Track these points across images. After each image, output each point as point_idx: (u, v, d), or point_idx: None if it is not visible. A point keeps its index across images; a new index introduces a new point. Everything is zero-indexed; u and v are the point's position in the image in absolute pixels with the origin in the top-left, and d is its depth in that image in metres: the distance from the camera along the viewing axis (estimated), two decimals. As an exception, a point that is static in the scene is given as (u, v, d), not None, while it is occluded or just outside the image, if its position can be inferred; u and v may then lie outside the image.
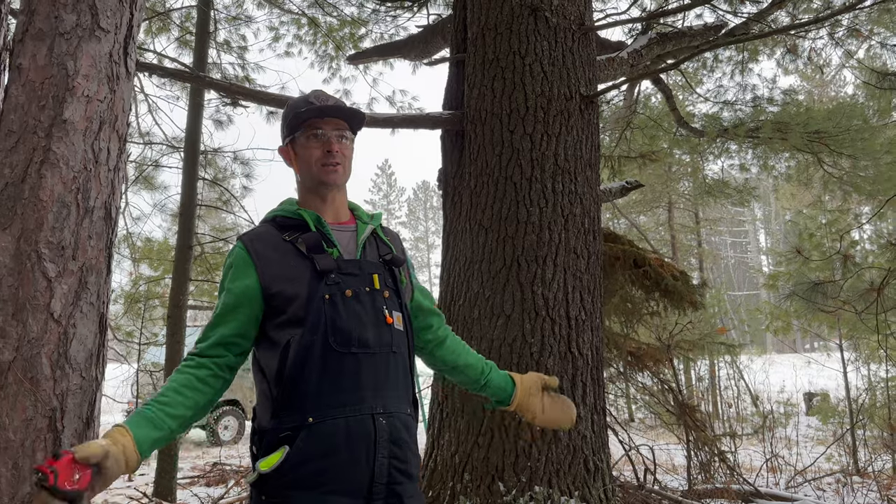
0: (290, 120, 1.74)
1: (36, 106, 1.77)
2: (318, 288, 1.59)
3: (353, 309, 1.61)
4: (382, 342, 1.63)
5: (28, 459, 1.63)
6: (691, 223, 18.15)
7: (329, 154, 1.71)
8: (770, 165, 8.24)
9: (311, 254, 1.64)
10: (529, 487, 3.77)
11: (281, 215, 1.75)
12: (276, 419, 1.55)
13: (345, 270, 1.65)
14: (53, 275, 1.70)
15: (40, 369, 1.66)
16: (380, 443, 1.57)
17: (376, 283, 1.69)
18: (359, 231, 1.77)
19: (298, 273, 1.61)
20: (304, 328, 1.55)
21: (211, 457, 9.57)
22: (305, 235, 1.67)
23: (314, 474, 1.51)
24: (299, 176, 1.77)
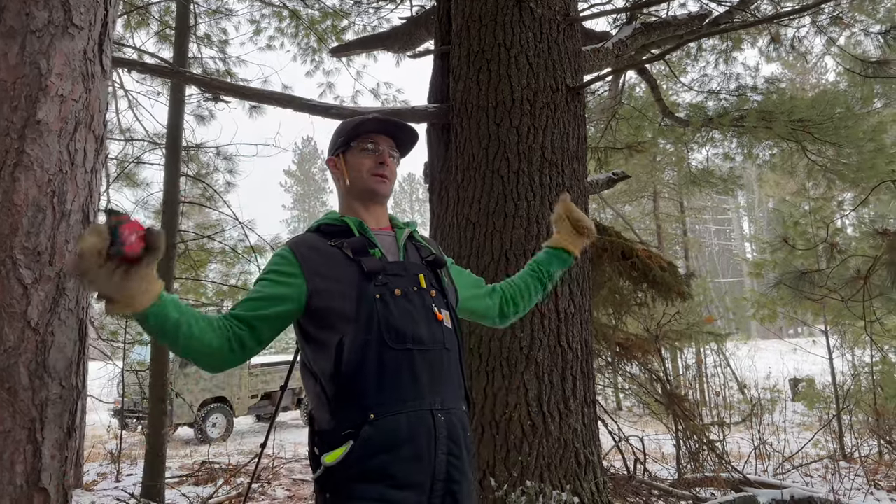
0: (349, 131, 1.82)
1: (8, 107, 1.71)
2: (367, 288, 1.61)
3: (404, 307, 1.63)
4: (435, 339, 1.65)
5: (7, 473, 1.58)
6: (676, 212, 18.23)
7: (382, 165, 1.79)
8: (755, 154, 8.27)
9: (357, 257, 1.67)
10: (521, 482, 3.75)
11: (325, 223, 1.78)
12: (335, 419, 1.56)
13: (391, 272, 1.68)
14: (30, 281, 1.65)
15: (18, 379, 1.61)
16: (439, 439, 1.58)
17: (423, 282, 1.72)
18: (398, 235, 1.83)
19: (347, 275, 1.63)
20: (356, 326, 1.57)
21: (199, 455, 9.50)
22: (350, 240, 1.71)
23: (379, 468, 1.51)
24: (347, 184, 1.81)
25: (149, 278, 1.38)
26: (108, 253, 1.28)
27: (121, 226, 1.30)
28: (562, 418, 3.94)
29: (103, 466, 8.09)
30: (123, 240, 1.29)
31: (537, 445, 3.84)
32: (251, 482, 1.95)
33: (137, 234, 1.32)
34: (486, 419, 3.91)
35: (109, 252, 1.28)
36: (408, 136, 1.88)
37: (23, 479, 1.59)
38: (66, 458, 1.72)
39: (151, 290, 1.39)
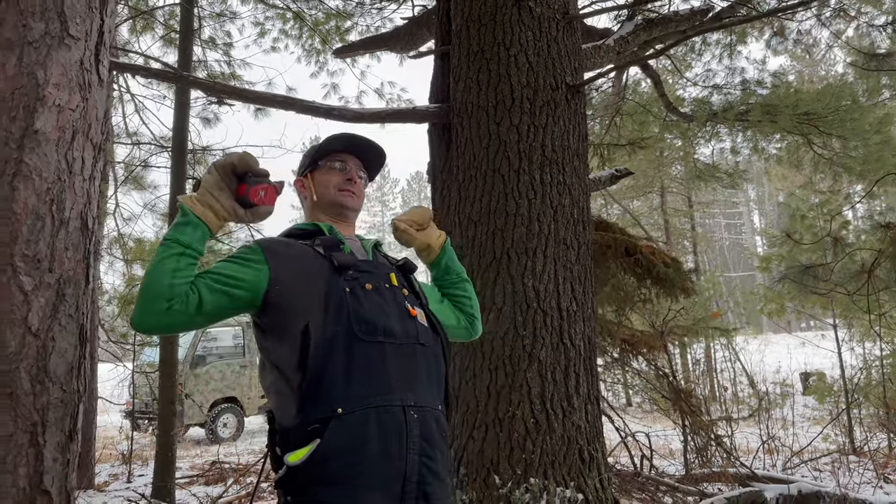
0: (317, 150, 1.85)
1: (6, 117, 1.74)
2: (337, 281, 1.59)
3: (374, 300, 1.60)
4: (409, 334, 1.61)
5: (10, 476, 1.61)
6: (684, 207, 18.16)
7: (349, 182, 1.82)
8: (760, 148, 8.24)
9: (328, 252, 1.66)
10: (525, 479, 3.77)
11: (296, 229, 1.81)
12: (301, 413, 1.47)
13: (362, 268, 1.67)
14: (30, 288, 1.68)
15: (19, 384, 1.64)
16: (411, 437, 1.50)
17: (394, 280, 1.71)
18: (364, 244, 1.84)
19: (316, 267, 1.62)
20: (324, 316, 1.52)
21: (210, 455, 9.58)
22: (322, 237, 1.73)
23: (346, 468, 1.43)
24: (315, 199, 1.84)
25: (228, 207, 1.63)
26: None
27: (268, 192, 1.67)
28: (565, 415, 3.96)
29: (115, 467, 8.18)
30: (259, 200, 1.66)
31: (541, 443, 3.86)
32: (258, 481, 1.96)
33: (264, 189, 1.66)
34: (490, 417, 3.94)
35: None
36: (376, 156, 1.90)
37: (26, 481, 1.63)
38: (68, 460, 1.76)
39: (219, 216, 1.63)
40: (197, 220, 1.59)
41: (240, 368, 13.06)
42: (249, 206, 1.65)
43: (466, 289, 2.04)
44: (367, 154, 1.90)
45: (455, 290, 2.02)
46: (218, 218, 1.63)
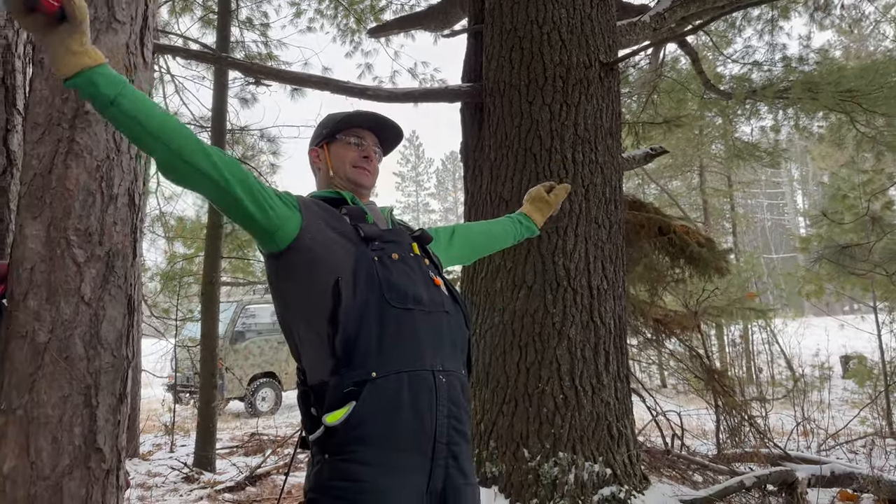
0: (335, 123, 1.85)
1: (59, 98, 1.84)
2: (365, 251, 1.62)
3: (402, 269, 1.64)
4: (435, 301, 1.65)
5: (67, 434, 1.74)
6: (724, 187, 17.83)
7: (366, 159, 1.83)
8: (802, 126, 8.06)
9: (354, 222, 1.70)
10: (553, 453, 3.84)
11: (319, 196, 1.80)
12: (335, 375, 1.52)
13: (387, 238, 1.70)
14: (82, 260, 1.79)
15: (74, 349, 1.76)
16: (440, 400, 1.56)
17: (416, 249, 1.75)
18: (382, 209, 1.88)
19: (346, 233, 1.66)
20: (355, 280, 1.55)
21: (249, 427, 9.87)
22: (348, 207, 1.75)
23: (381, 429, 1.49)
24: (331, 173, 1.84)
25: (72, 42, 1.38)
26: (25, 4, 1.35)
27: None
28: (594, 392, 4.00)
29: (158, 437, 8.49)
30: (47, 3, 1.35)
31: (570, 418, 3.92)
32: (295, 452, 2.06)
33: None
34: (520, 392, 4.01)
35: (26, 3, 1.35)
36: (393, 134, 1.92)
37: (81, 439, 1.75)
38: (119, 422, 1.88)
39: (81, 57, 1.39)
40: (74, 83, 1.42)
41: (277, 344, 13.35)
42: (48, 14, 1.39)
43: (505, 243, 2.30)
44: (385, 132, 1.90)
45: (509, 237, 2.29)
46: (61, 62, 1.40)
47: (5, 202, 2.05)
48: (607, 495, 3.80)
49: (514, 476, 3.88)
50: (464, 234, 2.14)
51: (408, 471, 1.50)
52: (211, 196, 1.57)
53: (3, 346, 1.78)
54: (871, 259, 4.97)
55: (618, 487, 3.86)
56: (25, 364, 1.73)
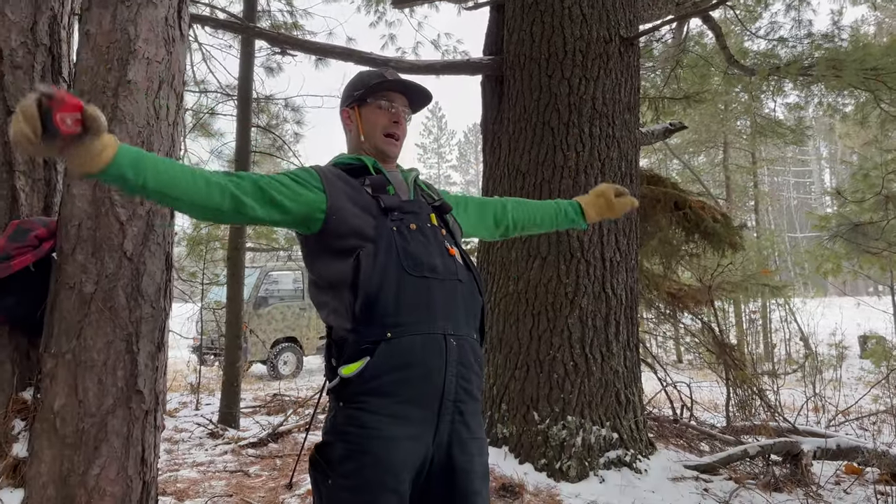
0: (367, 87, 1.86)
1: (104, 68, 1.99)
2: (384, 222, 1.70)
3: (419, 239, 1.72)
4: (449, 270, 1.73)
5: (111, 376, 1.91)
6: (748, 163, 17.67)
7: (396, 125, 1.87)
8: (826, 104, 8.01)
9: (375, 193, 1.76)
10: (562, 417, 4.00)
11: (342, 162, 1.86)
12: (354, 332, 1.63)
13: (406, 209, 1.76)
14: (125, 218, 1.95)
15: (117, 300, 1.93)
16: (449, 361, 1.66)
17: (433, 219, 1.81)
18: (406, 177, 1.90)
19: (367, 205, 1.72)
20: (375, 248, 1.65)
21: (271, 389, 10.16)
22: (370, 177, 1.80)
23: (392, 384, 1.59)
24: (361, 139, 1.87)
25: (94, 148, 1.35)
26: (42, 138, 1.25)
27: (54, 111, 1.23)
28: (604, 360, 4.14)
29: (184, 396, 8.79)
30: (57, 125, 1.23)
31: (579, 384, 4.06)
32: (315, 412, 2.23)
33: (73, 117, 1.25)
34: (531, 358, 4.15)
35: (44, 138, 1.25)
36: (422, 97, 1.94)
37: (123, 382, 1.93)
38: (157, 367, 2.05)
39: (103, 154, 1.37)
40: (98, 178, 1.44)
41: (299, 311, 13.64)
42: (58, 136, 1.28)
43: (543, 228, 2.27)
44: (415, 95, 1.93)
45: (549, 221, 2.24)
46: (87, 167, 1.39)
47: (53, 164, 2.21)
48: (613, 458, 3.96)
49: (524, 437, 4.05)
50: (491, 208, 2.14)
51: (415, 422, 1.63)
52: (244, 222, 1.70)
53: (52, 296, 1.95)
54: (884, 238, 5.00)
55: (624, 451, 4.01)
56: (73, 312, 1.90)
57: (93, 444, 1.87)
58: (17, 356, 2.04)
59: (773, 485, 4.23)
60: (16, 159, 2.11)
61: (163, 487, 4.16)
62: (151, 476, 2.03)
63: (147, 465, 1.99)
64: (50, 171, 2.21)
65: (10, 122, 1.29)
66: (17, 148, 1.32)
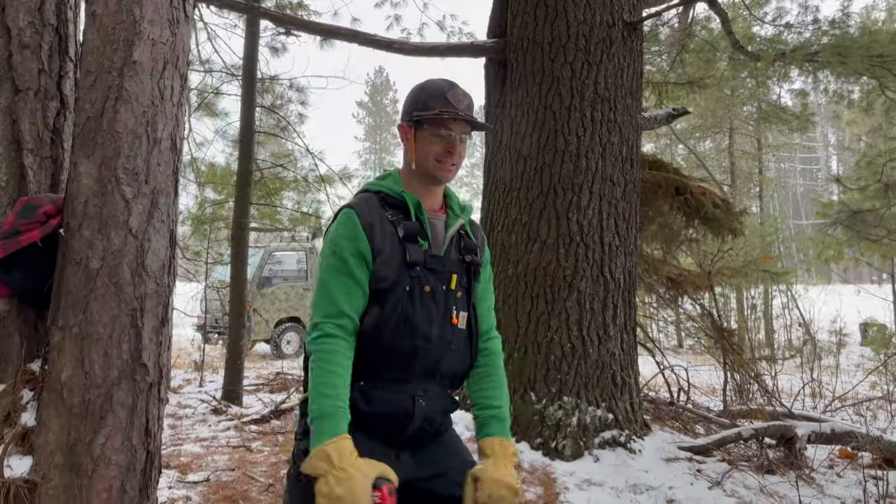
0: (423, 111, 1.78)
1: (109, 48, 2.03)
2: (403, 277, 1.70)
3: (426, 305, 1.72)
4: (443, 339, 1.75)
5: (116, 349, 1.97)
6: (753, 149, 17.61)
7: (450, 154, 1.77)
8: (832, 91, 7.99)
9: (405, 242, 1.73)
10: (559, 397, 4.07)
11: (386, 192, 1.80)
12: None
13: (429, 265, 1.74)
14: (130, 196, 2.00)
15: (123, 276, 1.98)
16: (414, 420, 1.72)
17: (453, 283, 1.79)
18: (449, 222, 1.84)
19: (393, 256, 1.71)
20: (383, 303, 1.68)
21: (274, 368, 10.27)
22: (406, 223, 1.75)
23: (355, 419, 1.63)
24: (413, 160, 1.80)
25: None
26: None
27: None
28: (601, 342, 4.20)
29: (188, 374, 8.91)
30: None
31: (576, 366, 4.12)
32: None
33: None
34: (529, 340, 4.21)
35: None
36: (481, 126, 1.88)
37: (128, 355, 1.99)
38: (161, 342, 2.11)
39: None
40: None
41: (303, 291, 13.74)
42: None
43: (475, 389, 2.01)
44: (475, 125, 1.85)
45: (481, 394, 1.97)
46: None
47: (60, 142, 2.26)
48: (608, 438, 4.03)
49: (521, 417, 4.12)
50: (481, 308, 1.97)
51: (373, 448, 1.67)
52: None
53: (59, 270, 2.01)
54: (883, 225, 5.03)
55: (618, 431, 4.08)
56: (80, 287, 1.96)
57: (98, 414, 1.94)
58: (26, 329, 2.11)
59: (767, 467, 4.30)
60: (24, 137, 2.16)
61: (167, 461, 4.26)
62: (155, 447, 2.10)
63: (151, 436, 2.06)
64: (57, 149, 2.26)
65: (17, 100, 1.34)
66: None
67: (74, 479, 1.91)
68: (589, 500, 3.45)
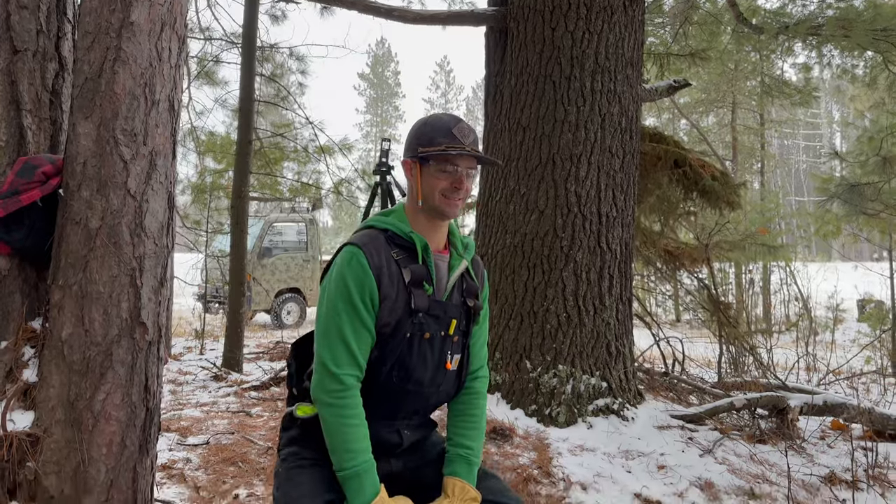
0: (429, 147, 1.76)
1: (107, 9, 2.03)
2: (405, 323, 1.72)
3: (423, 352, 1.76)
4: (435, 382, 1.81)
5: (115, 308, 2.01)
6: (756, 125, 17.52)
7: (457, 190, 1.76)
8: (836, 65, 7.93)
9: (411, 287, 1.73)
10: (554, 366, 4.12)
11: (394, 232, 1.78)
12: None
13: (432, 311, 1.76)
14: (128, 157, 2.02)
15: (122, 236, 2.01)
16: (403, 445, 1.83)
17: (452, 328, 1.81)
18: (452, 263, 1.86)
19: (397, 301, 1.72)
20: (380, 351, 1.72)
21: (274, 337, 10.36)
22: (413, 267, 1.75)
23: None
24: (419, 195, 1.78)
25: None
26: None
27: None
28: (596, 312, 4.24)
29: (188, 342, 8.99)
30: None
31: (571, 335, 4.17)
32: None
33: None
34: (526, 309, 4.25)
35: None
36: (487, 162, 1.87)
37: (127, 314, 2.02)
38: (160, 302, 2.14)
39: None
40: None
41: (303, 262, 13.80)
42: None
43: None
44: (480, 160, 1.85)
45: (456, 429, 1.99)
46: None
47: (59, 103, 2.27)
48: (601, 406, 4.09)
49: (517, 384, 4.17)
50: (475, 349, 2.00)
51: None
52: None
53: (59, 230, 2.03)
54: (881, 199, 5.04)
55: (612, 399, 4.14)
56: (79, 246, 1.99)
57: (98, 371, 1.98)
58: (27, 287, 2.14)
59: (758, 437, 4.37)
60: (22, 98, 2.17)
61: (167, 425, 4.33)
62: (154, 404, 2.15)
63: (150, 393, 2.11)
64: (56, 111, 2.27)
65: (16, 61, 1.36)
66: None
67: (75, 433, 1.95)
68: (581, 465, 3.52)
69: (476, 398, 1.94)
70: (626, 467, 3.58)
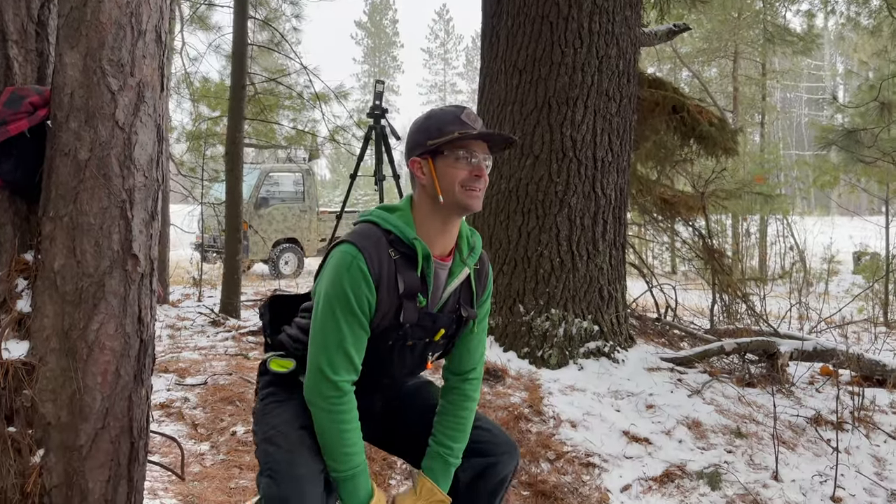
0: (439, 138, 1.67)
1: (89, -64, 1.98)
2: (391, 332, 1.71)
3: (404, 357, 1.78)
4: (412, 374, 1.90)
5: (106, 240, 2.02)
6: (758, 75, 17.29)
7: (478, 178, 1.67)
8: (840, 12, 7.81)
9: (402, 298, 1.69)
10: (546, 310, 4.17)
11: (397, 235, 1.71)
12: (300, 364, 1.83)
13: (420, 322, 1.73)
14: (116, 88, 2.00)
15: (111, 168, 2.01)
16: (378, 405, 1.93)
17: (438, 336, 1.79)
18: (453, 270, 1.79)
19: (389, 310, 1.70)
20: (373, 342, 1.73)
21: (272, 286, 10.43)
22: (409, 275, 1.70)
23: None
24: (438, 191, 1.67)
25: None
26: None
27: None
28: (589, 257, 4.26)
29: (186, 289, 9.05)
30: None
31: (564, 279, 4.20)
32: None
33: None
34: (520, 255, 4.28)
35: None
36: (503, 142, 1.80)
37: (118, 245, 2.03)
38: (151, 235, 2.15)
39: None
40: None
41: (300, 212, 13.79)
42: None
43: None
44: (495, 141, 1.77)
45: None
46: None
47: (45, 35, 2.23)
48: (593, 348, 4.15)
49: (510, 328, 4.23)
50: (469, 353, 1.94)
51: None
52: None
53: (48, 162, 2.03)
54: (878, 147, 5.01)
55: (603, 342, 4.20)
56: (69, 178, 1.99)
57: (91, 301, 2.00)
58: (18, 219, 2.14)
59: (747, 380, 4.45)
60: (8, 28, 2.14)
61: (165, 366, 4.39)
62: (148, 336, 2.17)
63: (144, 325, 2.13)
64: (42, 43, 2.24)
65: None
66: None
67: (70, 362, 1.98)
68: (571, 404, 3.59)
69: (465, 401, 1.88)
70: (615, 406, 3.66)
